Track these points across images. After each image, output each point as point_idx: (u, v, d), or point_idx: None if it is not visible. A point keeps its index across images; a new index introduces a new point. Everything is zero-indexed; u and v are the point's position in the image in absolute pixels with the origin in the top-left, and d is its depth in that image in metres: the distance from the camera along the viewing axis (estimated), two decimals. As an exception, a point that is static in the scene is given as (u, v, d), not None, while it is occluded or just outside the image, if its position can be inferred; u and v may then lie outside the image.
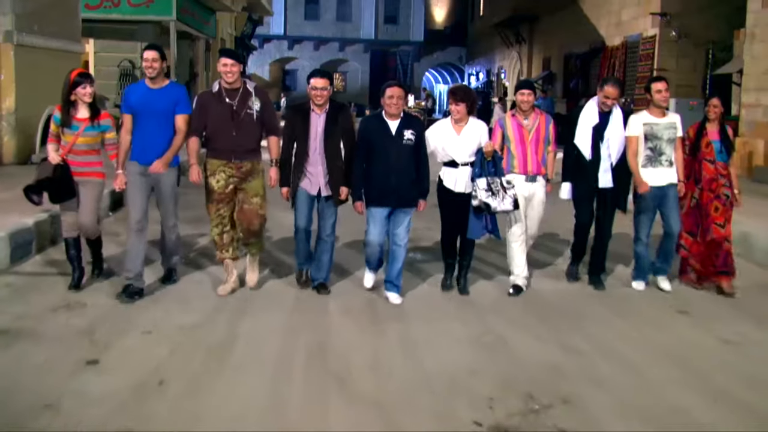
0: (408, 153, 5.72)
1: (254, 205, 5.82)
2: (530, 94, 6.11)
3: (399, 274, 5.93)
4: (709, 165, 6.39)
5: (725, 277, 6.39)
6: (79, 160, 5.74)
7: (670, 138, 6.24)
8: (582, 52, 24.05)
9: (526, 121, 6.14)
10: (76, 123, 5.72)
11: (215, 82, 5.81)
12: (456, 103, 5.86)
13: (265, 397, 3.99)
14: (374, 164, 5.72)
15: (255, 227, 5.92)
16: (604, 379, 4.40)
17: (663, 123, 6.24)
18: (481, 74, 40.50)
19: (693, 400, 4.12)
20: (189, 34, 21.06)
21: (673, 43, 18.55)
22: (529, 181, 6.13)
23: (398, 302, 5.84)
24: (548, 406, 3.97)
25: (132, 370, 4.26)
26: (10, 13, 10.68)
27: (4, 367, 4.29)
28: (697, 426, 3.82)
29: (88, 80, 5.73)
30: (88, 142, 5.75)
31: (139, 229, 5.68)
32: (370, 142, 5.75)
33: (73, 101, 5.70)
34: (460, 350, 4.82)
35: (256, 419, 3.71)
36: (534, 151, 6.11)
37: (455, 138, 5.90)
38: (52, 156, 5.70)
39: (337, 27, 47.90)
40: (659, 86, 6.23)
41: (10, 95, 10.92)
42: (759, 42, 13.71)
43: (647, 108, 6.36)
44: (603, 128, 6.21)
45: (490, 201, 5.73)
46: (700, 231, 6.45)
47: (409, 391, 4.14)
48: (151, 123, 5.62)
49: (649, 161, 6.24)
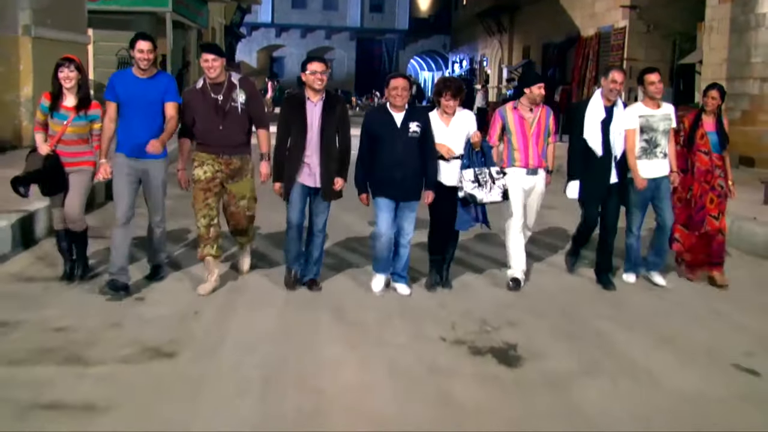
0: (413, 146, 5.60)
1: (241, 208, 5.77)
2: (544, 88, 6.06)
3: (405, 266, 5.88)
4: (703, 156, 6.32)
5: (717, 267, 6.40)
6: (69, 150, 5.61)
7: (665, 129, 6.17)
8: (559, 41, 25.17)
9: (529, 114, 6.07)
10: (65, 112, 5.56)
11: (200, 78, 5.72)
12: (450, 99, 5.73)
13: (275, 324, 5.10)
14: (379, 157, 5.60)
15: (243, 226, 5.91)
16: (543, 312, 5.54)
17: (658, 114, 6.16)
18: (465, 62, 41.50)
19: (612, 328, 5.27)
20: (182, 24, 22.00)
21: (642, 34, 19.71)
22: (531, 174, 6.07)
23: (407, 293, 5.82)
24: (497, 328, 5.12)
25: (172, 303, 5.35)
26: (28, 9, 11.69)
27: (77, 299, 5.38)
28: (611, 344, 4.96)
29: (67, 64, 5.53)
30: (77, 132, 5.61)
31: (125, 222, 5.50)
32: (374, 135, 5.64)
33: (61, 90, 5.54)
34: (431, 296, 5.94)
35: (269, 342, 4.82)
36: (535, 143, 6.03)
37: (444, 130, 5.79)
38: (41, 146, 5.53)
39: (324, 15, 48.79)
40: (652, 77, 6.10)
41: (28, 84, 11.93)
42: (716, 34, 14.79)
43: (642, 100, 6.28)
44: (609, 122, 6.07)
45: (476, 192, 5.69)
46: (693, 223, 6.41)
47: (388, 317, 5.28)
48: (138, 113, 5.46)
49: (644, 153, 6.14)
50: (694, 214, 6.40)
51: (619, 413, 3.90)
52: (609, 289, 6.21)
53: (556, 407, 3.94)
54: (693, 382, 4.33)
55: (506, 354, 4.69)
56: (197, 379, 4.10)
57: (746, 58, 13.79)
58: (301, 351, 4.61)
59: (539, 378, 4.33)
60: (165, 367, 4.27)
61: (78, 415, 3.62)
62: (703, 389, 4.24)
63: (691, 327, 5.33)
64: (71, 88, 5.53)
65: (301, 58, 50.24)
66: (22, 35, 11.66)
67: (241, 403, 3.82)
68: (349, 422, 3.69)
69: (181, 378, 4.12)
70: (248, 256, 6.26)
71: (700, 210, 6.37)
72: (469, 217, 5.90)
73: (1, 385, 3.92)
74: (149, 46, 5.43)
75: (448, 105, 5.74)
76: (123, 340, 4.62)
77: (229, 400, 3.85)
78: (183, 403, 3.81)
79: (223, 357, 4.45)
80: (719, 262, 6.42)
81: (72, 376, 4.07)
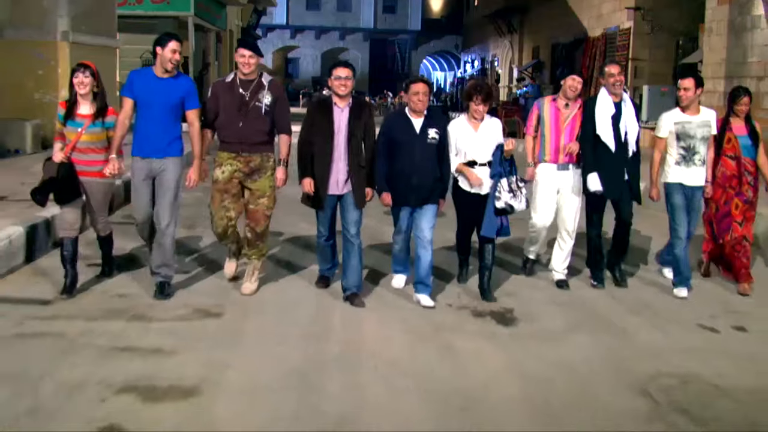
0: (432, 152, 5.56)
1: (260, 206, 5.64)
2: (580, 82, 6.00)
3: (428, 274, 5.64)
4: (729, 161, 6.13)
5: (747, 277, 6.20)
6: (84, 158, 5.51)
7: (703, 137, 5.96)
8: (567, 42, 25.86)
9: (565, 109, 6.03)
10: (80, 119, 5.47)
11: (231, 72, 5.69)
12: (480, 103, 5.67)
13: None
14: (397, 162, 5.55)
15: (261, 228, 5.72)
16: (539, 286, 6.29)
17: (696, 121, 5.96)
18: (476, 62, 42.19)
19: (597, 295, 6.03)
20: (202, 27, 22.90)
21: (647, 35, 20.39)
22: (561, 169, 6.04)
23: (430, 305, 5.55)
24: (497, 297, 5.88)
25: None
26: (66, 16, 12.55)
27: (131, 274, 6.17)
28: (594, 309, 5.72)
29: (82, 69, 5.45)
30: (92, 140, 5.51)
31: (145, 228, 5.69)
32: (393, 140, 5.58)
33: (76, 98, 5.46)
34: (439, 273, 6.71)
35: (301, 306, 5.61)
36: (567, 139, 5.97)
37: (473, 135, 5.72)
38: (55, 154, 5.48)
39: (338, 16, 49.62)
40: (686, 84, 5.92)
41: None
42: (715, 35, 15.44)
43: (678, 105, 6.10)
44: (619, 118, 5.97)
45: (513, 203, 5.60)
46: (719, 231, 6.26)
47: (402, 289, 6.05)
48: (156, 114, 5.41)
49: (683, 159, 6.00)
50: (719, 222, 6.24)
51: (595, 359, 4.68)
52: (621, 286, 6.20)
53: (543, 355, 4.72)
54: (658, 338, 5.11)
55: (503, 316, 5.47)
56: (242, 332, 4.93)
57: (743, 58, 14.42)
58: (329, 312, 5.42)
59: (530, 333, 5.12)
60: (213, 323, 5.09)
61: (149, 356, 4.44)
62: (667, 342, 5.02)
63: (665, 296, 6.09)
64: (86, 94, 5.45)
65: (316, 59, 51.29)
66: (60, 40, 12.52)
67: (280, 350, 4.63)
68: (371, 364, 4.48)
69: (229, 331, 4.95)
70: (256, 277, 5.83)
71: (725, 217, 6.20)
72: (497, 223, 5.74)
73: (84, 334, 4.74)
74: (179, 47, 5.41)
75: (478, 110, 5.69)
76: (176, 304, 5.44)
77: (270, 348, 4.66)
78: (231, 349, 4.62)
79: (263, 316, 5.27)
80: (745, 270, 6.22)
81: (139, 329, 4.89)
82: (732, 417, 3.93)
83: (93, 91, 5.48)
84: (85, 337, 4.70)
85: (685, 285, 6.06)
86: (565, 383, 4.28)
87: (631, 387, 4.23)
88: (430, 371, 4.40)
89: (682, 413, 3.92)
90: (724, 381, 4.35)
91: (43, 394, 3.87)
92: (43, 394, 3.87)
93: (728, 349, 4.94)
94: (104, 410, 3.71)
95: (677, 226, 6.04)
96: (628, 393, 4.16)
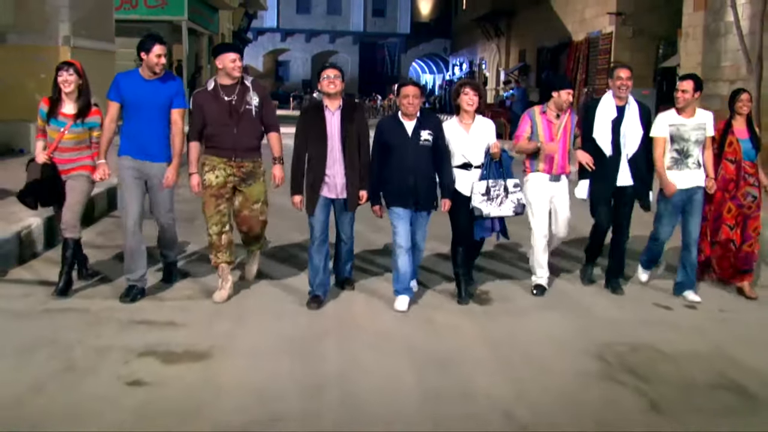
0: (426, 154, 5.55)
1: (255, 212, 5.71)
2: (572, 94, 6.05)
3: (413, 277, 5.78)
4: (729, 165, 6.10)
5: (746, 276, 6.19)
6: (67, 157, 5.58)
7: (698, 139, 5.91)
8: (552, 45, 26.53)
9: (556, 120, 6.00)
10: (63, 118, 5.49)
11: (209, 80, 5.61)
12: (470, 91, 5.68)
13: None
14: (391, 166, 5.54)
15: (256, 232, 5.86)
16: (516, 275, 6.86)
17: (691, 124, 5.89)
18: (464, 65, 42.83)
19: (570, 281, 6.63)
20: (194, 30, 23.42)
21: (628, 39, 21.08)
22: (554, 180, 6.02)
23: (403, 309, 5.55)
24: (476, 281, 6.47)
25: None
26: (67, 21, 13.10)
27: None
28: (565, 292, 6.32)
29: (66, 67, 5.49)
30: (75, 139, 5.55)
31: (136, 229, 5.48)
32: (386, 144, 5.58)
33: (60, 96, 5.48)
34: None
35: (298, 292, 6.20)
36: (561, 149, 5.94)
37: (465, 137, 5.72)
38: (38, 155, 5.51)
39: (328, 20, 50.18)
40: (685, 85, 5.83)
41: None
42: (692, 40, 16.08)
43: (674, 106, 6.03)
44: (620, 122, 5.95)
45: (483, 206, 5.60)
46: (710, 232, 6.28)
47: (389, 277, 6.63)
48: (145, 115, 5.40)
49: (675, 163, 5.95)
50: (712, 223, 6.25)
51: (557, 330, 5.30)
52: (618, 293, 6.16)
53: (513, 328, 5.33)
54: (617, 314, 5.74)
55: (480, 297, 6.07)
56: (244, 308, 5.54)
57: (717, 62, 15.04)
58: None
59: (503, 311, 5.73)
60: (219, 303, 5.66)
61: (164, 327, 5.05)
62: (624, 317, 5.65)
63: (631, 285, 6.67)
64: (70, 93, 5.45)
65: (306, 61, 51.67)
66: (62, 45, 13.07)
67: (279, 323, 5.24)
68: (360, 335, 5.09)
69: (233, 308, 5.55)
70: (257, 261, 6.22)
71: (717, 219, 6.21)
72: (485, 226, 5.84)
73: (105, 310, 5.34)
74: (164, 50, 5.36)
75: (470, 100, 5.65)
76: (185, 286, 6.03)
77: (270, 322, 5.27)
78: (235, 322, 5.22)
79: (263, 296, 5.88)
80: (748, 270, 6.22)
81: (154, 306, 5.49)
82: (673, 376, 4.54)
83: (78, 90, 5.52)
84: (107, 312, 5.29)
85: (648, 269, 6.45)
86: (529, 349, 4.90)
87: (587, 352, 4.85)
88: (414, 339, 5.01)
89: (629, 373, 4.53)
90: (670, 347, 4.97)
91: (76, 356, 4.48)
92: (76, 356, 4.47)
93: (677, 323, 5.57)
94: (129, 369, 4.32)
95: (660, 228, 6.15)
96: (585, 357, 4.78)
